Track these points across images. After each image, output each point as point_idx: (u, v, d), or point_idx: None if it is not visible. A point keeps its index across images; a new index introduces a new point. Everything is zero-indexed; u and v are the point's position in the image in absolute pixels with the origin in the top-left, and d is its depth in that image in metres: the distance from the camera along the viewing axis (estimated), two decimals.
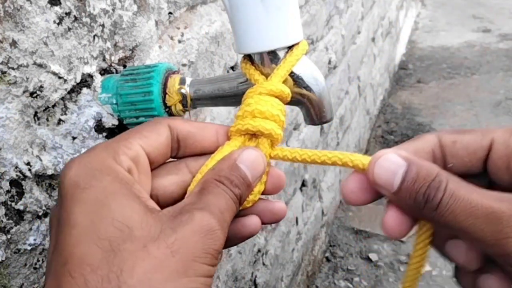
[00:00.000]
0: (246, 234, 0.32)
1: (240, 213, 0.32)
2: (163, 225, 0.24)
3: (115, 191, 0.25)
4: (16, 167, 0.35)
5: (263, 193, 0.33)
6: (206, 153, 0.32)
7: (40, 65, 0.35)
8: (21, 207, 0.36)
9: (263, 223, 0.33)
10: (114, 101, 0.41)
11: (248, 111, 0.33)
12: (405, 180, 0.26)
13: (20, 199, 0.36)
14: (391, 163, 0.27)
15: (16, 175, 0.35)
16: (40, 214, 0.38)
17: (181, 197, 0.31)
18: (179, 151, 0.32)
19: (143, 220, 0.24)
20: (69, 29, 0.38)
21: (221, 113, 0.71)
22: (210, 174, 0.29)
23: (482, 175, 0.29)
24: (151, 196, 0.30)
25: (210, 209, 0.26)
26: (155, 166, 0.31)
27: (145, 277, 0.22)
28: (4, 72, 0.33)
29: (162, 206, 0.28)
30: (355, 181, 0.29)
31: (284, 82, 0.34)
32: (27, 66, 0.34)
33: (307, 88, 0.35)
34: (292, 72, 0.35)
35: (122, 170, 0.26)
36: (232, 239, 0.32)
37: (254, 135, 0.33)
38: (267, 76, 0.34)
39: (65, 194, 0.25)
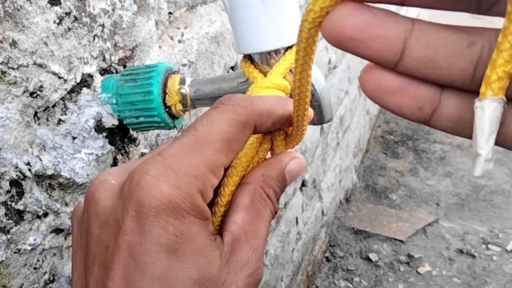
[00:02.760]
0: None
1: None
2: (230, 278, 0.24)
3: (203, 242, 0.23)
4: (16, 167, 0.35)
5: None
6: None
7: (40, 65, 0.35)
8: (21, 207, 0.36)
9: None
10: (114, 101, 0.41)
11: None
12: None
13: (20, 199, 0.36)
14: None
15: (16, 175, 0.35)
16: (40, 214, 0.38)
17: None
18: None
19: (221, 278, 0.24)
20: (69, 29, 0.38)
21: None
22: (260, 181, 0.28)
23: None
24: None
25: (261, 252, 0.26)
26: None
27: None
28: (4, 72, 0.33)
29: None
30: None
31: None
32: (27, 66, 0.34)
33: None
34: (292, 71, 0.35)
35: (207, 209, 0.24)
36: None
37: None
38: (265, 75, 0.34)
39: (148, 232, 0.22)
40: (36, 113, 0.37)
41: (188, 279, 0.22)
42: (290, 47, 0.34)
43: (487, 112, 0.18)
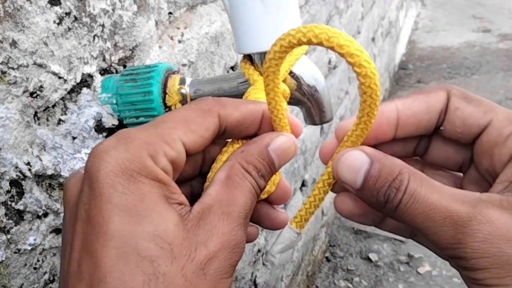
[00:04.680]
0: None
1: None
2: (197, 238, 0.24)
3: (154, 199, 0.23)
4: (16, 167, 0.35)
5: (267, 200, 0.32)
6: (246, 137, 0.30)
7: (40, 65, 0.35)
8: (21, 207, 0.36)
9: (260, 226, 0.32)
10: (114, 101, 0.41)
11: None
12: (367, 179, 0.26)
13: (20, 199, 0.36)
14: (354, 160, 0.27)
15: (16, 175, 0.35)
16: (40, 214, 0.38)
17: (191, 176, 0.30)
18: (221, 138, 0.29)
19: (179, 234, 0.23)
20: (69, 29, 0.38)
21: None
22: (238, 157, 0.28)
23: (468, 148, 0.29)
24: None
25: (237, 217, 0.25)
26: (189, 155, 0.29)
27: None
28: (4, 72, 0.33)
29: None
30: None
31: (284, 81, 0.34)
32: (27, 66, 0.34)
33: (307, 88, 0.35)
34: (292, 72, 0.35)
35: (160, 171, 0.24)
36: None
37: None
38: None
39: (100, 193, 0.23)
40: (36, 113, 0.37)
41: (142, 233, 0.22)
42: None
43: (286, 234, 0.31)
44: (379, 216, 0.31)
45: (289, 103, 0.35)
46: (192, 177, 0.31)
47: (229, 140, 0.30)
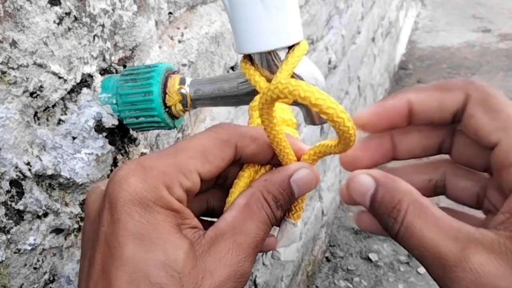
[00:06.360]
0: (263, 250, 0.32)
1: None
2: (205, 266, 0.25)
3: (168, 228, 0.25)
4: (16, 167, 0.35)
5: None
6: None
7: (40, 65, 0.35)
8: (21, 207, 0.36)
9: None
10: (114, 101, 0.41)
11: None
12: (373, 203, 0.27)
13: (20, 199, 0.36)
14: (361, 185, 0.28)
15: (16, 175, 0.35)
16: (40, 214, 0.38)
17: (204, 191, 0.31)
18: (234, 164, 0.31)
19: (189, 263, 0.25)
20: (69, 29, 0.38)
21: (221, 113, 0.71)
22: (260, 185, 0.29)
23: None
24: None
25: (247, 247, 0.26)
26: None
27: None
28: (4, 72, 0.33)
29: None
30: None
31: None
32: (27, 66, 0.34)
33: None
34: (292, 72, 0.34)
35: (174, 201, 0.26)
36: None
37: None
38: (266, 76, 0.34)
39: (117, 219, 0.24)
40: (36, 113, 0.37)
41: (154, 261, 0.24)
42: (290, 48, 0.34)
43: (285, 227, 0.31)
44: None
45: (289, 103, 0.35)
46: (205, 191, 0.32)
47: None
